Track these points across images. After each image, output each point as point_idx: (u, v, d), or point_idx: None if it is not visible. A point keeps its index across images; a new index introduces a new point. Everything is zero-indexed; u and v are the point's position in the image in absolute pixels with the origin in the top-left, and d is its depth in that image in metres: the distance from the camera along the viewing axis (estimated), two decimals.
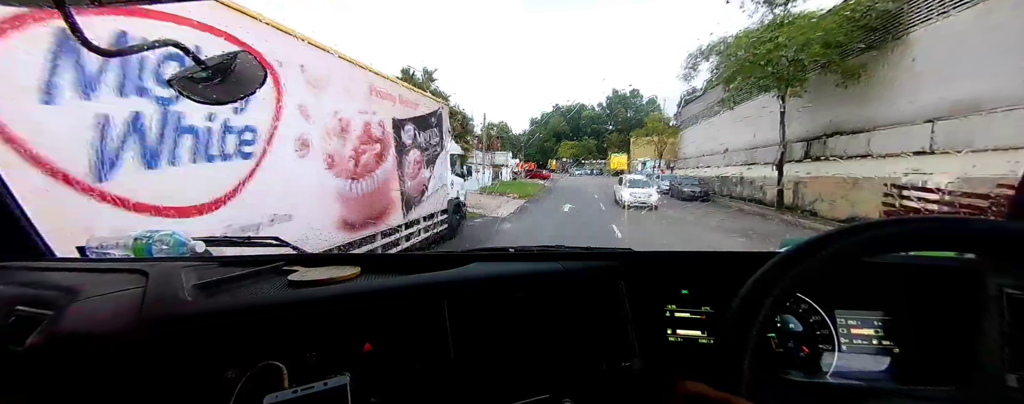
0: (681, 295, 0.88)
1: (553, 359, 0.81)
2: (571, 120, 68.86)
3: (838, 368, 0.78)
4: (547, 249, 1.10)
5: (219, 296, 0.81)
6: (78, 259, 1.19)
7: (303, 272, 0.91)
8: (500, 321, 0.82)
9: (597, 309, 0.84)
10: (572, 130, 69.21)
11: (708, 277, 0.88)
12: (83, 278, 0.90)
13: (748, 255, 0.92)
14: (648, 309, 0.86)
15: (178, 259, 1.14)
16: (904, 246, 0.46)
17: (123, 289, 0.82)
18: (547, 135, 69.46)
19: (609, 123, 66.56)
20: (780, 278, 0.46)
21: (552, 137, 68.78)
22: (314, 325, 0.76)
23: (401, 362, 0.77)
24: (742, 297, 0.47)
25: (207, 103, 0.80)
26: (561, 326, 0.83)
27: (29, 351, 0.69)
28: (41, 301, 0.81)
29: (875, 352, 0.79)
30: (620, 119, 65.15)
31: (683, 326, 0.86)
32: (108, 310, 0.76)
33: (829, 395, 0.74)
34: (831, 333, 0.80)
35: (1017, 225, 0.45)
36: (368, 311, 0.79)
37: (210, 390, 0.67)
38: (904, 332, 0.79)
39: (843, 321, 0.81)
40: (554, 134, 68.99)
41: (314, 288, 0.82)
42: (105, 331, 0.70)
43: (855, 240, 0.45)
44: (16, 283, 0.91)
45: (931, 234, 0.44)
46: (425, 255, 1.06)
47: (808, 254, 0.46)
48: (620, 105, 67.70)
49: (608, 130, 64.37)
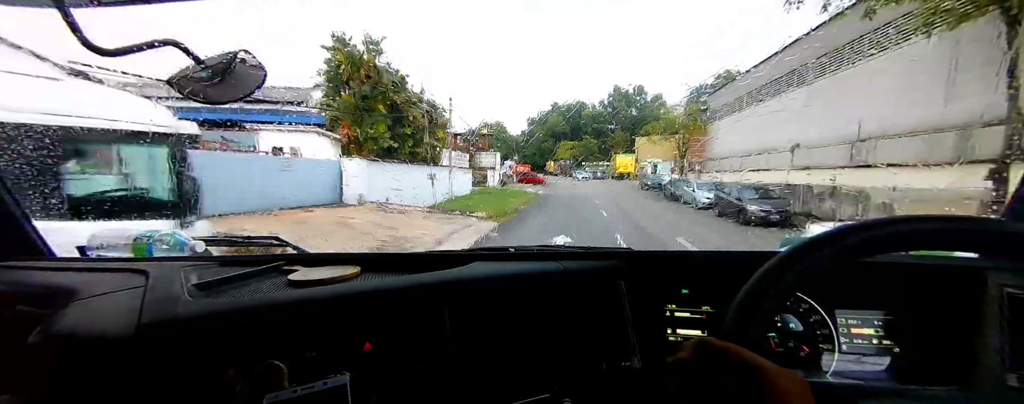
0: (681, 295, 0.88)
1: (553, 359, 0.81)
2: (571, 119, 65.35)
3: (838, 368, 0.78)
4: (547, 248, 1.10)
5: (219, 296, 0.81)
6: (78, 259, 1.19)
7: (303, 272, 0.91)
8: (500, 321, 0.82)
9: (597, 309, 0.84)
10: (572, 130, 64.03)
11: (708, 277, 0.88)
12: (83, 278, 0.90)
13: (748, 255, 0.92)
14: (648, 309, 0.86)
15: (178, 259, 1.14)
16: (904, 245, 0.46)
17: (123, 289, 0.82)
18: (545, 135, 65.19)
19: (611, 122, 62.13)
20: (780, 278, 0.46)
21: (550, 137, 64.22)
22: (314, 325, 0.76)
23: (401, 362, 0.77)
24: (742, 297, 0.47)
25: (207, 103, 0.80)
26: (561, 326, 0.83)
27: (29, 351, 0.69)
28: (41, 301, 0.81)
29: (875, 352, 0.79)
30: (623, 117, 60.30)
31: (683, 326, 0.86)
32: (108, 310, 0.76)
33: (829, 395, 0.74)
34: (831, 333, 0.80)
35: (1017, 225, 0.44)
36: (368, 311, 0.79)
37: (210, 390, 0.67)
38: (904, 332, 0.79)
39: (843, 321, 0.81)
40: (552, 134, 64.47)
41: (314, 288, 0.82)
42: (105, 331, 0.70)
43: (855, 239, 0.45)
44: (16, 283, 0.91)
45: (931, 234, 0.44)
46: (425, 254, 1.06)
47: (808, 253, 0.46)
48: (623, 103, 62.18)
49: (611, 129, 58.88)
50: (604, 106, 64.47)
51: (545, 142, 64.14)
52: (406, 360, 0.77)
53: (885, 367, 0.77)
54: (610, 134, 57.67)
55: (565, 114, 65.95)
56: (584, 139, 60.20)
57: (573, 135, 62.36)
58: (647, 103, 59.87)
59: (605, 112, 63.64)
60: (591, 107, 65.56)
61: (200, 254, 1.23)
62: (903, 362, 0.77)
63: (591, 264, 0.91)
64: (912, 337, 0.78)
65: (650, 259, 0.94)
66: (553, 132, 64.44)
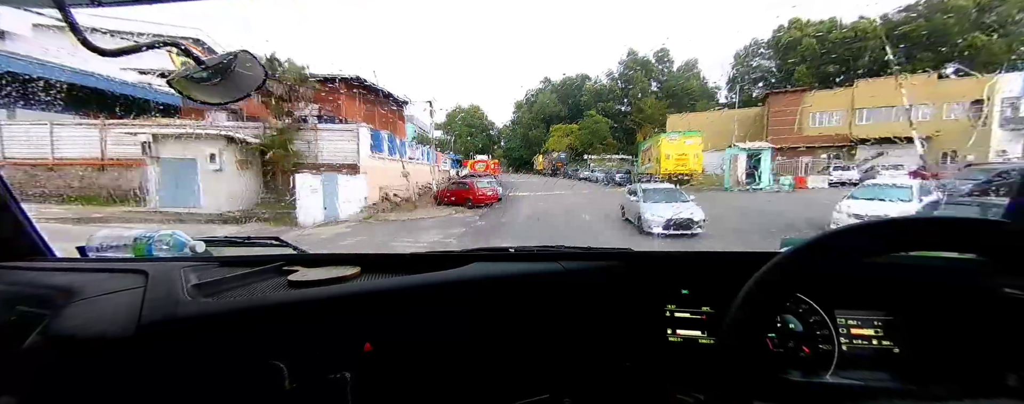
0: (681, 295, 0.88)
1: (553, 359, 0.81)
2: (569, 96, 45.51)
3: (838, 368, 0.78)
4: (547, 249, 1.10)
5: (219, 296, 0.81)
6: (78, 259, 1.19)
7: (303, 272, 0.91)
8: (500, 321, 0.82)
9: (597, 309, 0.84)
10: (570, 111, 44.35)
11: (708, 277, 0.88)
12: (83, 278, 0.90)
13: (748, 255, 0.92)
14: (648, 309, 0.86)
15: (178, 259, 1.14)
16: (904, 246, 0.46)
17: (123, 289, 0.82)
18: (533, 119, 45.47)
19: (623, 100, 42.64)
20: (781, 278, 0.46)
21: (540, 123, 44.53)
22: (314, 325, 0.76)
23: (401, 362, 0.77)
24: (743, 297, 0.47)
25: (206, 103, 0.80)
26: (561, 326, 0.83)
27: (29, 351, 0.69)
28: (41, 301, 0.81)
29: (875, 352, 0.79)
30: (641, 91, 40.50)
31: (683, 326, 0.86)
32: (108, 310, 0.76)
33: (829, 395, 0.74)
34: (831, 333, 0.80)
35: (1017, 225, 0.45)
36: (368, 311, 0.79)
37: (210, 390, 0.67)
38: (904, 332, 0.79)
39: (843, 321, 0.81)
40: (543, 117, 44.81)
41: (314, 288, 0.82)
42: (105, 331, 0.70)
43: (855, 240, 0.45)
44: (16, 283, 0.91)
45: (931, 234, 0.45)
46: (425, 255, 1.06)
47: (808, 254, 0.46)
48: (641, 72, 41.90)
49: (638, 98, 39.04)
50: (613, 79, 44.74)
51: (533, 129, 45.00)
52: (406, 361, 0.77)
53: (885, 367, 0.77)
54: (638, 103, 38.12)
55: (560, 89, 46.90)
56: (587, 117, 39.95)
57: (573, 118, 43.03)
58: (673, 73, 42.21)
59: (615, 86, 44.24)
60: (595, 81, 45.76)
61: (200, 254, 1.23)
62: (903, 362, 0.77)
63: (591, 265, 0.91)
64: (912, 337, 0.78)
65: (650, 259, 0.94)
66: (544, 115, 45.12)
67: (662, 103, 35.52)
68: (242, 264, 1.00)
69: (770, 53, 29.24)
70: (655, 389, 0.78)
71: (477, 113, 48.38)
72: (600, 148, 36.02)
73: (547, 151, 37.11)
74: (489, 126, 49.45)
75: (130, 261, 1.10)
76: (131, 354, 0.69)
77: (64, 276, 0.93)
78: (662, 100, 36.78)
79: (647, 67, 42.73)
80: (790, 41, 26.55)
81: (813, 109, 17.91)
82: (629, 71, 42.71)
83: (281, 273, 0.95)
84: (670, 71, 42.59)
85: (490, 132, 49.66)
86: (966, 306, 0.73)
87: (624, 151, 34.00)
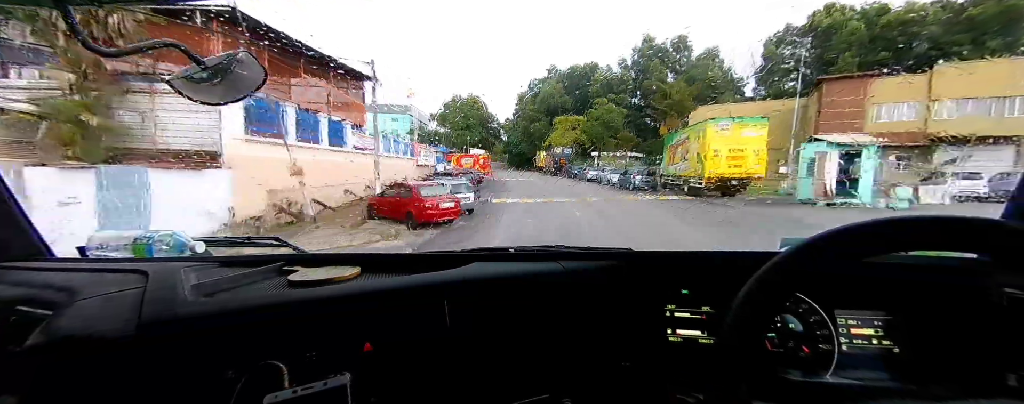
0: (681, 295, 0.88)
1: (553, 359, 0.81)
2: (576, 86, 41.38)
3: (838, 368, 0.78)
4: (547, 249, 1.10)
5: (219, 296, 0.81)
6: (78, 259, 1.19)
7: (303, 272, 0.91)
8: (500, 321, 0.82)
9: (597, 309, 0.84)
10: (577, 103, 40.16)
11: (708, 277, 0.88)
12: (83, 278, 0.90)
13: (748, 255, 0.92)
14: (648, 309, 0.86)
15: (178, 259, 1.14)
16: (904, 245, 0.46)
17: (123, 289, 0.82)
18: (536, 111, 41.28)
19: (635, 92, 38.69)
20: (781, 278, 0.46)
21: (544, 115, 40.28)
22: (314, 325, 0.76)
23: (401, 362, 0.77)
24: (743, 297, 0.47)
25: (206, 103, 0.80)
26: (561, 326, 0.83)
27: (29, 351, 0.69)
28: (41, 301, 0.81)
29: (875, 352, 0.78)
30: (656, 80, 35.85)
31: (683, 326, 0.86)
32: (108, 310, 0.76)
33: (829, 395, 0.74)
34: (831, 333, 0.80)
35: (1017, 225, 0.45)
36: (368, 311, 0.79)
37: (210, 390, 0.67)
38: (904, 332, 0.79)
39: (843, 321, 0.81)
40: (547, 109, 40.53)
41: (314, 288, 0.82)
42: (105, 331, 0.70)
43: (855, 239, 0.45)
44: (16, 283, 0.91)
45: (931, 234, 0.44)
46: (425, 255, 1.06)
47: (808, 254, 0.46)
48: (657, 60, 37.74)
49: (662, 82, 34.35)
50: (626, 67, 40.58)
51: (536, 122, 40.47)
52: (406, 361, 0.77)
53: (885, 367, 0.77)
54: (664, 87, 32.74)
55: (567, 78, 42.71)
56: (596, 105, 35.43)
57: (579, 110, 39.12)
58: (693, 62, 37.68)
59: (627, 76, 40.04)
60: (606, 70, 41.67)
61: (200, 255, 1.23)
62: (903, 362, 0.77)
63: (591, 264, 0.91)
64: (912, 337, 0.78)
65: (650, 259, 0.94)
66: (548, 107, 40.78)
67: (693, 87, 29.99)
68: (242, 264, 1.00)
69: (806, 42, 25.82)
70: (655, 389, 0.78)
71: (476, 104, 44.81)
72: (612, 143, 32.31)
73: (549, 146, 35.02)
74: (489, 119, 45.78)
75: (130, 261, 1.10)
76: (131, 354, 0.69)
77: (64, 276, 0.93)
78: (691, 85, 31.47)
79: (664, 55, 38.65)
80: (831, 25, 23.40)
81: (877, 100, 14.30)
82: (644, 59, 38.54)
83: (281, 273, 0.95)
84: (688, 60, 38.29)
85: (490, 125, 46.22)
86: (966, 306, 0.73)
87: (639, 148, 31.23)
